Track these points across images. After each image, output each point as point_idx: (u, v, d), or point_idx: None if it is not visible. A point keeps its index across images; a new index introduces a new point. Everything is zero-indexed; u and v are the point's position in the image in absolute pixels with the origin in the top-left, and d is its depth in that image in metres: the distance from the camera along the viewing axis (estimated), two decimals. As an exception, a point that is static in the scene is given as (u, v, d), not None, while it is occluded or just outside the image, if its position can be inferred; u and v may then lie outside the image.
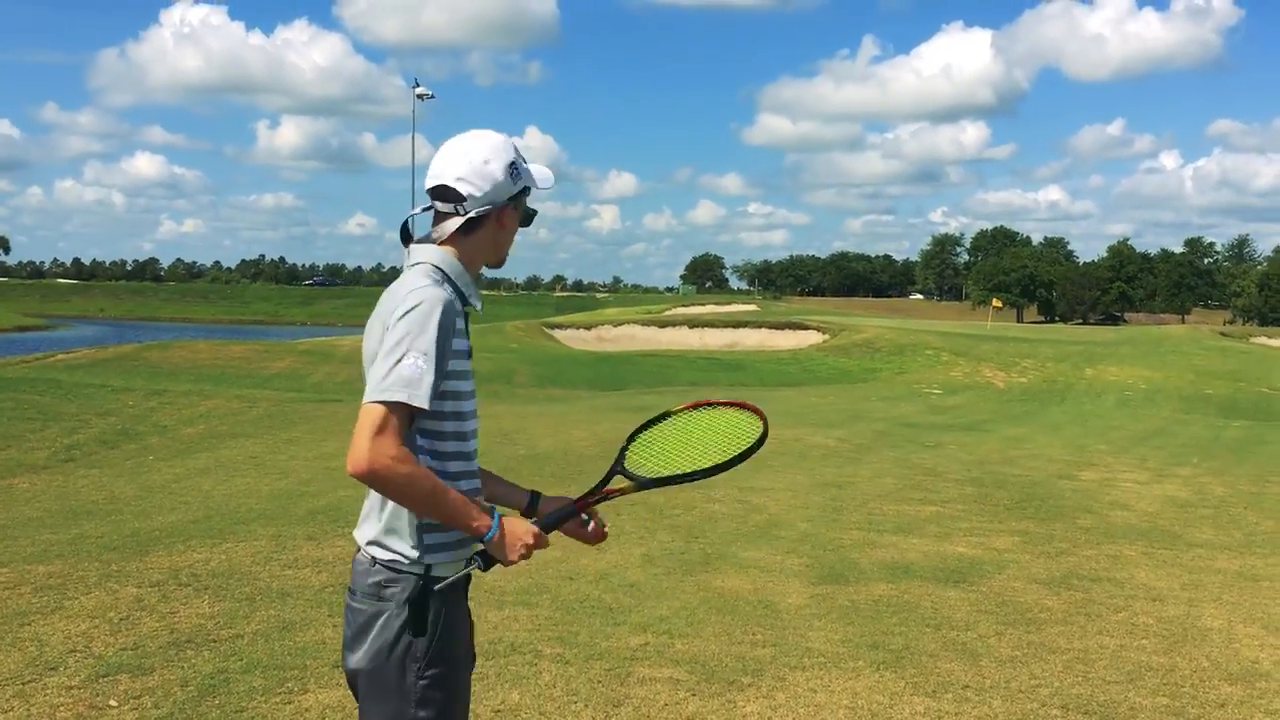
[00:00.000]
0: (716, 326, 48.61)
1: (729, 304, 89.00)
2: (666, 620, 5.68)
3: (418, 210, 2.60)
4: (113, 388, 15.66)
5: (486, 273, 2.73)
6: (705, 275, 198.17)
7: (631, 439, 2.73)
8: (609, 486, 2.59)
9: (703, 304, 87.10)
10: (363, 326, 2.63)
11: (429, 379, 2.31)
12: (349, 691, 2.63)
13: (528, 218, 2.66)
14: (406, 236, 2.58)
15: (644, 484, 2.58)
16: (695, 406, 2.78)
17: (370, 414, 2.27)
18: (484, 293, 2.68)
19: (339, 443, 11.83)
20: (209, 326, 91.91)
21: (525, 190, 2.62)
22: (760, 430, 2.65)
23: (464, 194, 2.48)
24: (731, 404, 2.76)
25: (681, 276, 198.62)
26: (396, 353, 2.31)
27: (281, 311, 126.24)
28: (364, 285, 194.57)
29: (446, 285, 2.45)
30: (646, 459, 2.67)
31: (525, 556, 2.47)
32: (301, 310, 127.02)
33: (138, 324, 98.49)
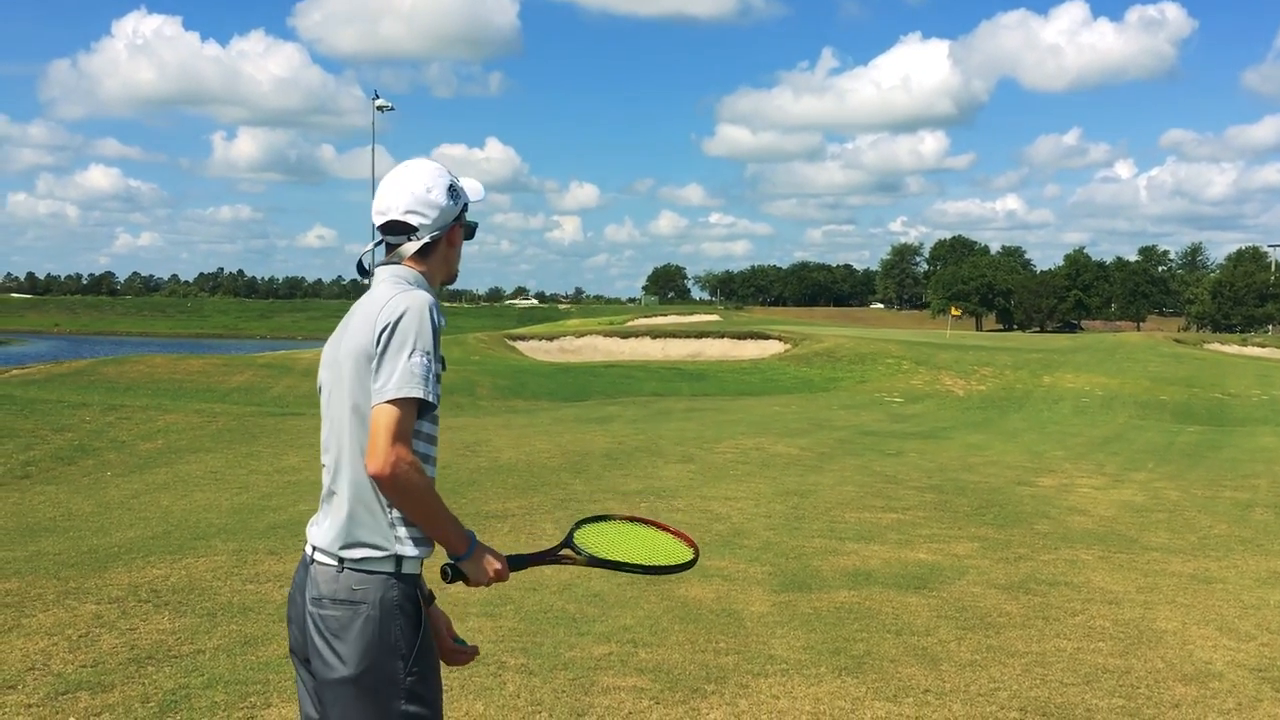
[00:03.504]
0: (679, 337, 48.72)
1: (691, 314, 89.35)
2: (630, 630, 5.70)
3: (370, 247, 2.70)
4: (69, 403, 15.46)
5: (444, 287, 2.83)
6: (667, 286, 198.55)
7: (579, 525, 2.89)
8: (561, 554, 2.75)
9: (665, 314, 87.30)
10: (323, 340, 2.70)
11: (434, 375, 2.41)
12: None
13: (470, 232, 2.78)
14: (363, 270, 2.69)
15: (589, 561, 2.73)
16: (633, 519, 3.01)
17: (389, 415, 2.33)
18: (445, 304, 2.75)
19: (300, 456, 11.75)
20: (167, 340, 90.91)
21: (465, 207, 2.72)
22: (690, 558, 2.87)
23: (415, 225, 2.58)
24: (672, 532, 2.98)
25: (643, 287, 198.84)
26: (403, 352, 2.37)
27: (241, 325, 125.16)
28: (324, 298, 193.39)
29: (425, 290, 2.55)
30: (592, 543, 2.81)
31: (492, 582, 2.58)
32: (261, 324, 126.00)
33: (94, 338, 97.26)
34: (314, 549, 2.52)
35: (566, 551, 2.75)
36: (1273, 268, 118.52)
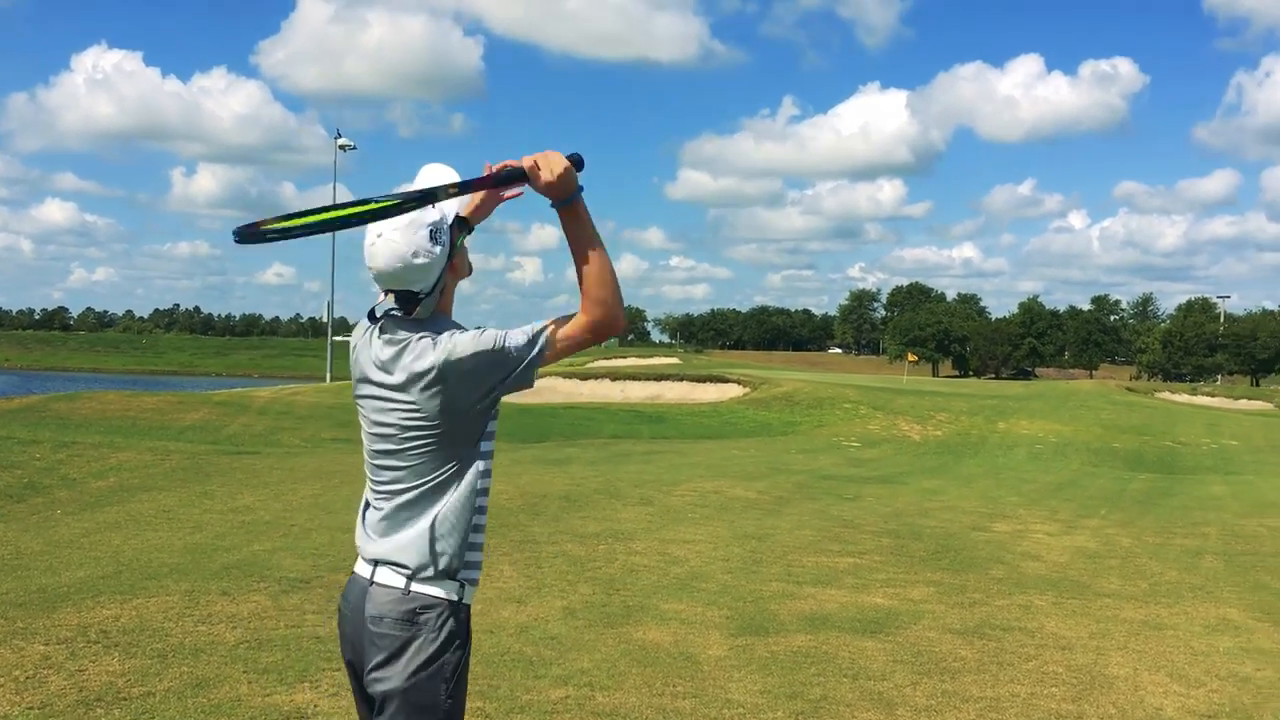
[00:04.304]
0: (638, 379, 48.76)
1: (651, 357, 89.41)
2: (588, 673, 5.69)
3: (381, 299, 2.75)
4: (18, 439, 15.20)
5: None
6: (627, 328, 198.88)
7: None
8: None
9: (625, 356, 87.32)
10: (280, 379, 2.83)
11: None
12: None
13: (467, 232, 2.81)
14: (373, 315, 2.77)
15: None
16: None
17: (553, 325, 2.68)
18: None
19: (255, 496, 11.64)
20: (120, 377, 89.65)
21: (454, 227, 2.71)
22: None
23: (417, 290, 2.66)
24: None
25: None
26: (507, 337, 2.62)
27: (196, 362, 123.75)
28: (281, 335, 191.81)
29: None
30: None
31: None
32: (217, 361, 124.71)
33: (45, 374, 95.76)
34: (373, 567, 2.68)
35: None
36: (1221, 319, 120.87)
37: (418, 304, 2.67)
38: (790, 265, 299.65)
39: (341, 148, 57.70)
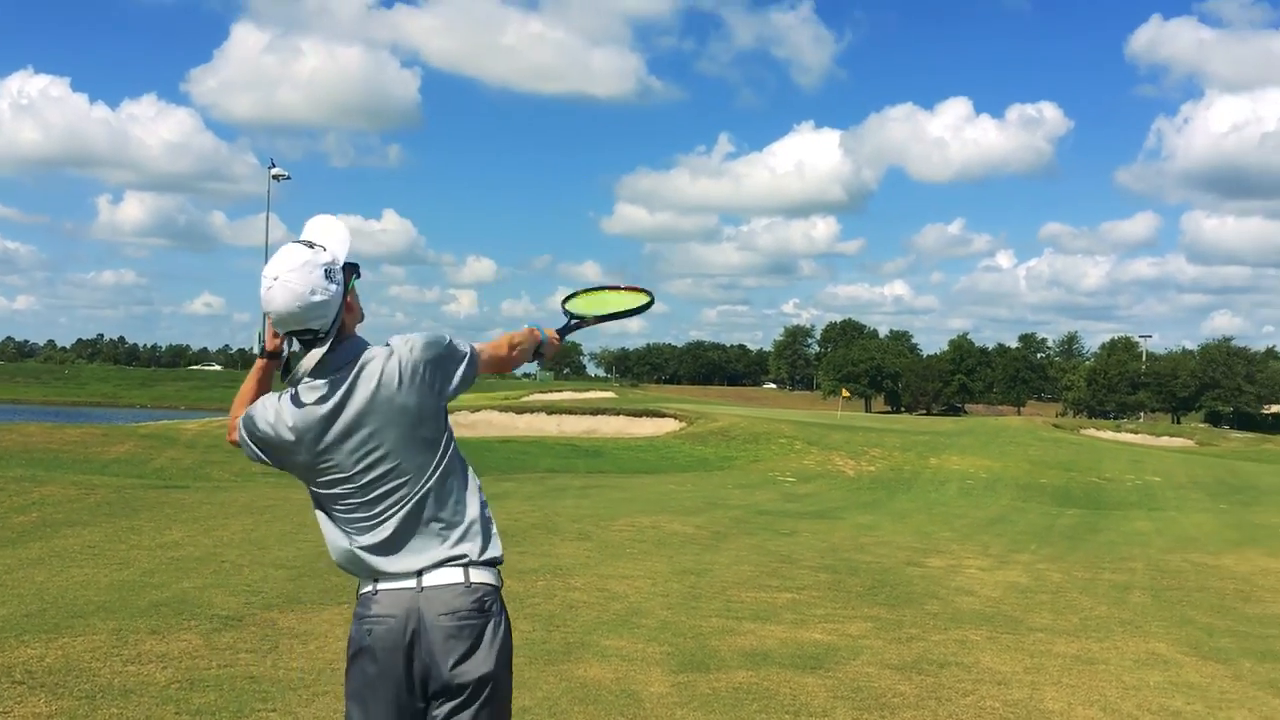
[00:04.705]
0: (575, 413, 48.63)
1: (587, 391, 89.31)
2: (529, 711, 5.63)
3: (295, 347, 2.88)
4: (-65, 472, 14.72)
5: None
6: (563, 362, 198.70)
7: (566, 300, 3.66)
8: (573, 325, 3.60)
9: (561, 390, 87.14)
10: (208, 411, 2.93)
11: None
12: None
13: (357, 277, 2.97)
14: (288, 369, 2.89)
15: (595, 319, 3.60)
16: (601, 287, 3.70)
17: (481, 347, 3.10)
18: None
19: (184, 531, 11.38)
20: (41, 408, 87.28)
21: (345, 269, 2.88)
22: (649, 300, 3.64)
23: (317, 329, 2.79)
24: (625, 288, 3.67)
25: (539, 363, 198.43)
26: (441, 340, 2.94)
27: (120, 393, 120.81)
28: (206, 365, 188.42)
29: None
30: (584, 308, 3.63)
31: (556, 351, 3.46)
32: (142, 392, 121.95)
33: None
34: (415, 576, 2.83)
35: (575, 321, 3.57)
36: (1143, 357, 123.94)
37: (318, 343, 2.80)
38: (725, 300, 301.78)
39: (275, 177, 57.11)
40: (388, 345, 2.89)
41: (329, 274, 2.79)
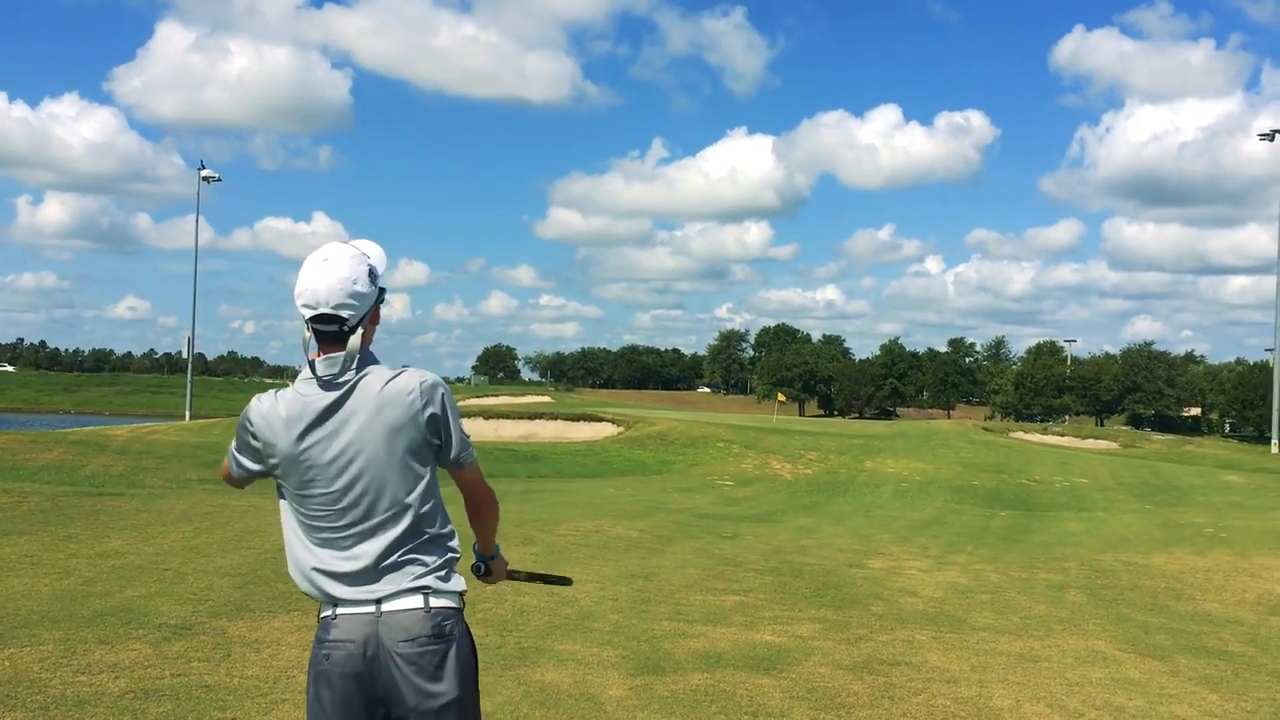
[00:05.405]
0: (512, 418, 48.46)
1: (523, 395, 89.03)
2: (490, 717, 5.63)
3: (314, 356, 2.91)
4: None
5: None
6: (497, 366, 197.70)
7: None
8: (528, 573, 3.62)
9: (497, 395, 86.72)
10: (135, 416, 2.97)
11: None
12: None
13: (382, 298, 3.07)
14: (314, 365, 2.91)
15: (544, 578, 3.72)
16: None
17: (477, 469, 3.09)
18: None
19: (123, 539, 11.17)
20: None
21: (383, 288, 3.03)
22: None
23: (346, 317, 2.85)
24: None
25: (473, 367, 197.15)
26: (458, 419, 2.97)
27: (43, 399, 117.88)
28: (134, 372, 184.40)
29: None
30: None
31: (498, 580, 3.38)
32: (66, 398, 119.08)
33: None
34: (380, 599, 2.84)
35: (512, 571, 3.46)
36: (1068, 361, 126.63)
37: (342, 333, 2.86)
38: (659, 305, 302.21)
39: (205, 179, 56.21)
40: (404, 367, 2.96)
41: (372, 275, 2.93)
